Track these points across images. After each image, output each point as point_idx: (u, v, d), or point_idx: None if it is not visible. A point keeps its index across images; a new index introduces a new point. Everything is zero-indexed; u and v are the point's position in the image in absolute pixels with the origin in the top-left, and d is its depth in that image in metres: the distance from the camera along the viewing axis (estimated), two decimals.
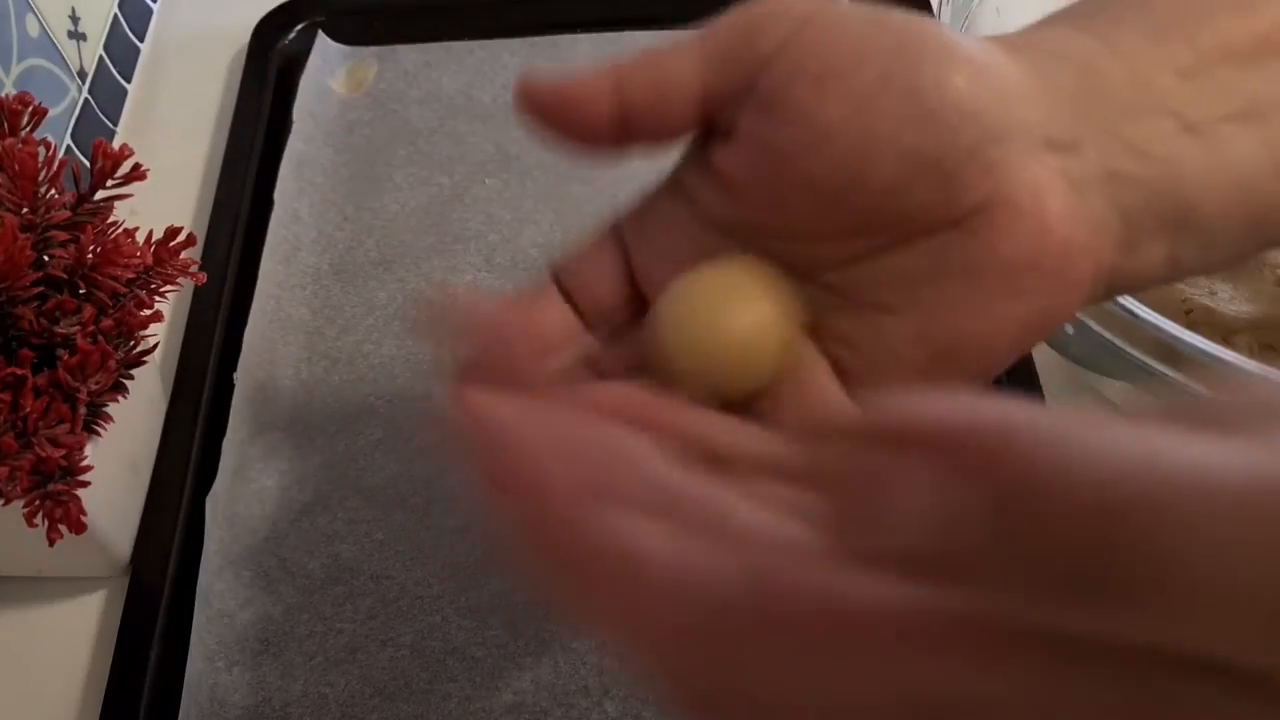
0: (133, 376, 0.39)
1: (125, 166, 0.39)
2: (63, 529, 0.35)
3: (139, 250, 0.38)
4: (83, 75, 0.56)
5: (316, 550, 0.43)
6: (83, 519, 0.36)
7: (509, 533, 0.18)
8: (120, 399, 0.39)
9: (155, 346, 0.40)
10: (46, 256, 0.37)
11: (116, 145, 0.39)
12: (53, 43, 0.53)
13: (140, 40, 0.62)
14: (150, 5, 0.64)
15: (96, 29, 0.58)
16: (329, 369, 0.48)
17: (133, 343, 0.39)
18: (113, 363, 0.37)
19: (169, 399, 0.46)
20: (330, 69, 0.59)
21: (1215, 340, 0.38)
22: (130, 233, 0.38)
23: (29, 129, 0.39)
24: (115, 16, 0.60)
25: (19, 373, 0.34)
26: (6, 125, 0.39)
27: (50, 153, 0.38)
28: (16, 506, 0.35)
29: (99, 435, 0.38)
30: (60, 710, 0.40)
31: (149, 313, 0.39)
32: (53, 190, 0.37)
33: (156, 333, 0.40)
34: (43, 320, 0.36)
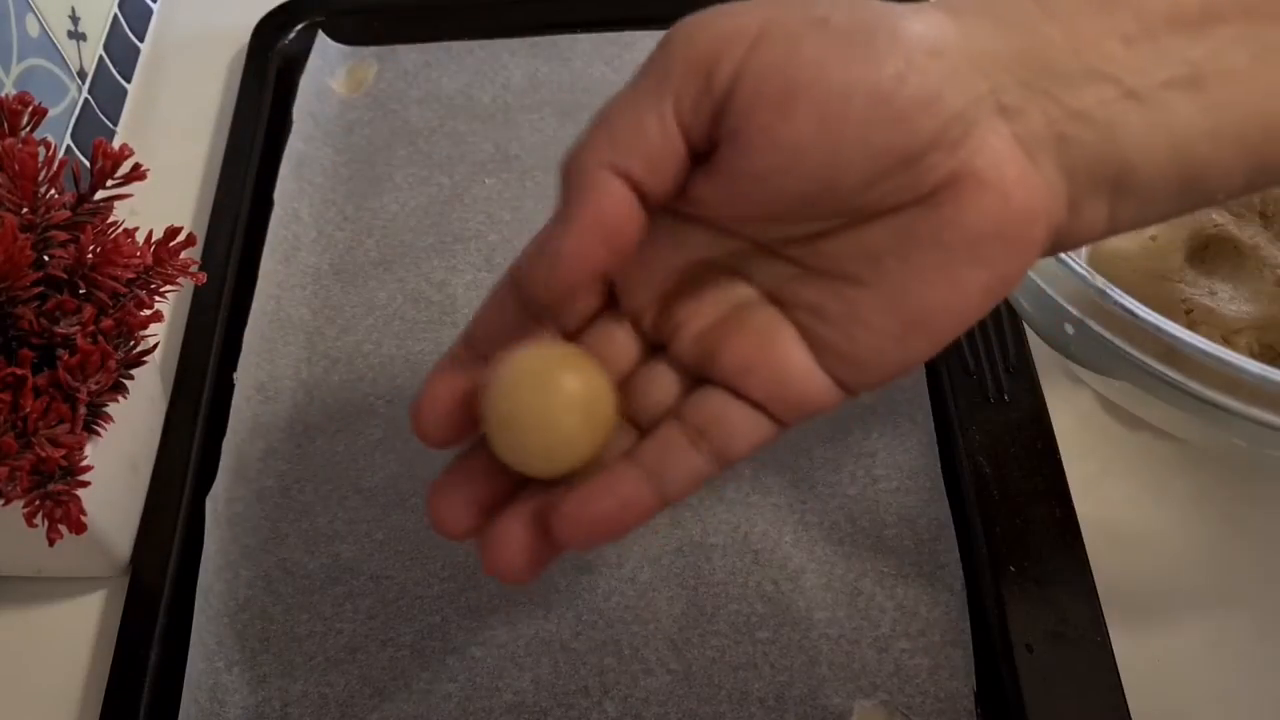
0: (133, 376, 0.39)
1: (125, 166, 0.39)
2: (63, 529, 0.35)
3: (139, 250, 0.38)
4: (83, 75, 0.56)
5: (316, 550, 0.43)
6: (83, 519, 0.36)
7: None
8: (120, 399, 0.39)
9: (155, 346, 0.40)
10: (46, 256, 0.37)
11: (116, 145, 0.39)
12: (53, 43, 0.53)
13: (140, 40, 0.62)
14: (150, 5, 0.64)
15: (96, 29, 0.58)
16: (329, 369, 0.48)
17: (133, 343, 0.39)
18: (113, 363, 0.37)
19: (169, 399, 0.46)
20: (330, 69, 0.59)
21: (1215, 340, 0.38)
22: (130, 233, 0.38)
23: (29, 129, 0.39)
24: (115, 16, 0.60)
25: (19, 373, 0.34)
26: (6, 125, 0.39)
27: (50, 153, 0.38)
28: (16, 506, 0.35)
29: (99, 435, 0.38)
30: (60, 710, 0.40)
31: (149, 313, 0.39)
32: (53, 190, 0.37)
33: (156, 333, 0.40)
34: (43, 320, 0.36)
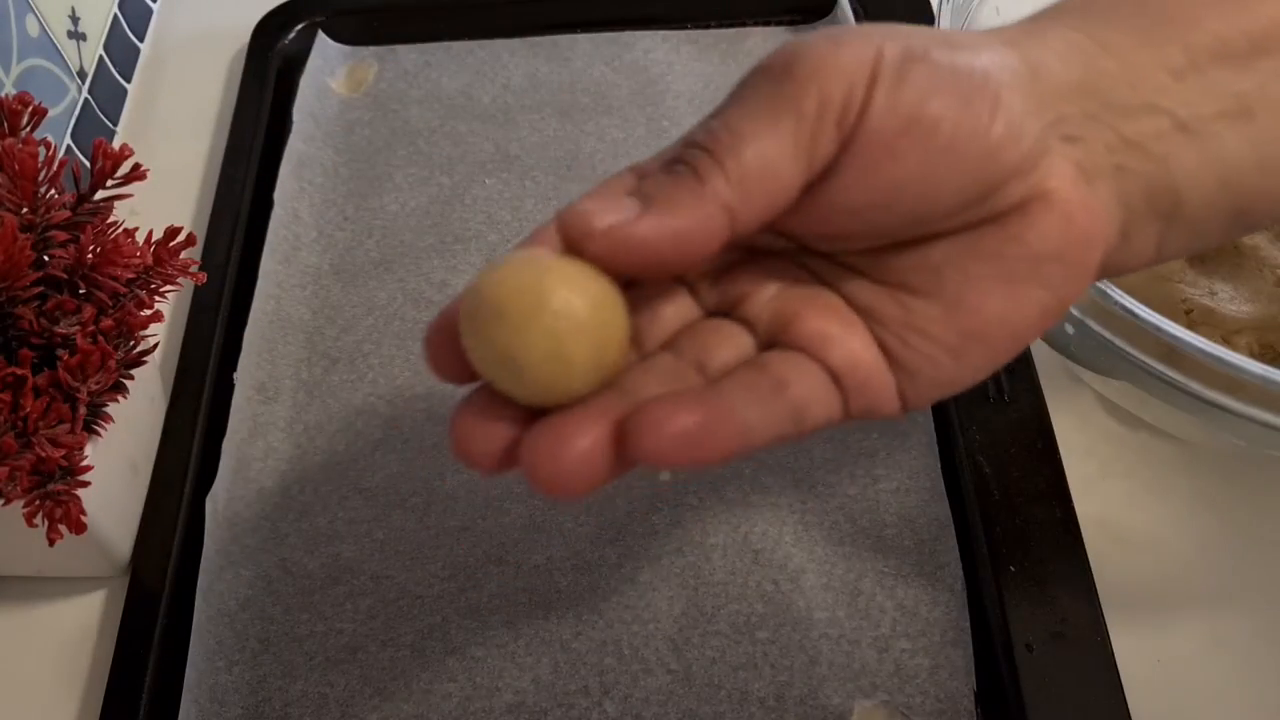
0: (133, 376, 0.39)
1: (125, 166, 0.39)
2: (63, 529, 0.35)
3: (139, 250, 0.38)
4: (83, 75, 0.56)
5: (316, 550, 0.43)
6: (83, 519, 0.36)
7: None
8: (120, 399, 0.39)
9: (155, 346, 0.40)
10: (46, 256, 0.37)
11: (116, 145, 0.39)
12: (53, 43, 0.53)
13: (140, 40, 0.62)
14: (150, 5, 0.64)
15: (96, 29, 0.58)
16: (329, 369, 0.48)
17: (133, 343, 0.39)
18: (113, 363, 0.37)
19: (169, 399, 0.46)
20: (330, 69, 0.59)
21: (1215, 340, 0.38)
22: (130, 233, 0.38)
23: (29, 129, 0.39)
24: (115, 16, 0.60)
25: (19, 373, 0.34)
26: (6, 125, 0.39)
27: (50, 153, 0.38)
28: (16, 506, 0.35)
29: (99, 435, 0.38)
30: (60, 710, 0.40)
31: (149, 313, 0.39)
32: (53, 190, 0.37)
33: (156, 333, 0.40)
34: (43, 320, 0.36)
